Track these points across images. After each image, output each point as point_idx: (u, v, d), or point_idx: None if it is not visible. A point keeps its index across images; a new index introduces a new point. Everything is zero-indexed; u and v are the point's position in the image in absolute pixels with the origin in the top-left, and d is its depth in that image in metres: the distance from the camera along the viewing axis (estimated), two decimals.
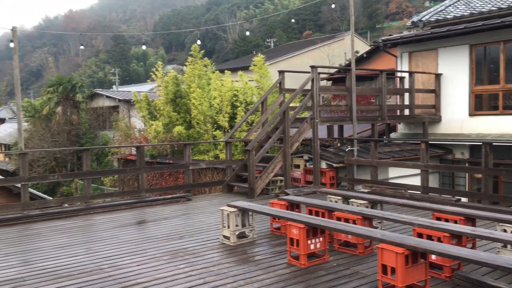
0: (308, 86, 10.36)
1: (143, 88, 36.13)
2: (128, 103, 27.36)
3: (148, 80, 28.36)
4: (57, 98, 28.15)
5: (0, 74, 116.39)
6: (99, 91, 33.02)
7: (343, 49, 28.86)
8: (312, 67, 10.29)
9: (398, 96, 14.01)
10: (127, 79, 77.74)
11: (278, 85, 11.34)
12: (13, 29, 8.18)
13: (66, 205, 10.00)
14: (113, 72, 69.68)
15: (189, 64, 18.13)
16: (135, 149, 19.08)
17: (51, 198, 16.21)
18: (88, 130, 28.64)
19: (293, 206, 6.68)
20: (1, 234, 6.92)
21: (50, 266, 5.31)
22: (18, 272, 5.10)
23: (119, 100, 28.71)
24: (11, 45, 8.19)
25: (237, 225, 6.10)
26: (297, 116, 10.90)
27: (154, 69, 19.30)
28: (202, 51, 18.24)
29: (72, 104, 28.55)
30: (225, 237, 6.17)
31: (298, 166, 11.40)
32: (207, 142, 15.71)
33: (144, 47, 14.12)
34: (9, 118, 49.22)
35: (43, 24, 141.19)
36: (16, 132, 33.16)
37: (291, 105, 10.57)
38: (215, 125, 16.50)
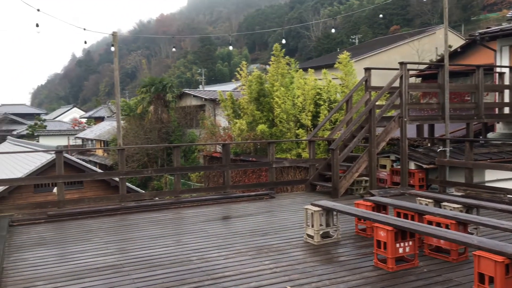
0: (396, 84, 9.96)
1: (228, 87, 37.19)
2: (214, 102, 28.32)
3: (233, 80, 29.17)
4: (149, 98, 30.00)
5: (100, 76, 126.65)
6: (187, 90, 34.57)
7: (434, 44, 27.31)
8: (401, 63, 9.87)
9: (496, 94, 12.94)
10: (212, 79, 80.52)
11: (363, 82, 11.04)
12: (114, 34, 8.85)
13: (157, 198, 10.62)
14: (199, 72, 72.55)
15: (272, 63, 18.32)
16: (220, 146, 19.78)
17: (143, 191, 17.35)
18: (177, 128, 30.14)
19: (380, 207, 6.46)
20: (102, 224, 7.53)
21: (145, 255, 5.68)
22: (117, 259, 5.51)
23: (205, 99, 29.83)
24: (112, 49, 8.88)
25: (321, 225, 6.04)
26: (384, 115, 10.53)
27: (238, 68, 19.78)
28: (283, 50, 18.32)
29: (163, 104, 30.24)
30: (309, 236, 6.15)
31: (384, 167, 11.01)
32: (290, 140, 15.76)
33: (231, 47, 14.57)
34: (107, 117, 53.34)
35: (137, 28, 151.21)
36: (114, 129, 35.84)
37: (377, 103, 10.24)
38: (298, 123, 16.50)
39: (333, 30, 29.35)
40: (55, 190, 9.61)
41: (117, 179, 14.89)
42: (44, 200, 13.25)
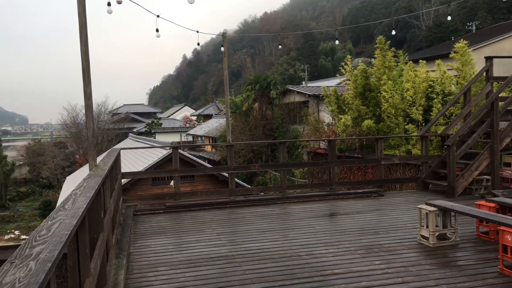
0: None
1: (331, 82, 36.66)
2: (317, 98, 28.14)
3: (337, 75, 28.64)
4: (254, 95, 30.82)
5: (208, 75, 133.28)
6: (290, 87, 34.84)
7: None
8: None
9: None
10: (315, 75, 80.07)
11: (484, 73, 10.10)
12: (223, 35, 9.22)
13: (262, 193, 10.87)
14: (302, 68, 72.67)
15: (377, 56, 17.60)
16: (324, 142, 19.60)
17: (249, 186, 17.89)
18: (281, 124, 30.54)
19: (505, 209, 5.88)
20: (214, 216, 7.93)
21: (254, 248, 5.85)
22: (229, 250, 5.76)
23: (309, 95, 29.77)
24: (222, 49, 9.27)
25: (437, 226, 5.68)
26: (508, 108, 9.53)
27: (342, 63, 19.37)
28: (389, 42, 17.49)
29: (267, 100, 30.86)
30: (423, 237, 5.81)
31: (509, 165, 9.98)
32: (400, 136, 15.03)
33: (337, 42, 14.26)
34: (215, 114, 55.94)
35: (242, 28, 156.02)
36: (221, 126, 37.40)
37: (500, 95, 9.30)
38: (407, 118, 15.66)
39: (449, 18, 27.16)
40: (172, 183, 10.34)
41: (224, 173, 15.56)
42: (161, 192, 14.35)
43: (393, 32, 13.20)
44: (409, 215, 7.33)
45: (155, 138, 45.47)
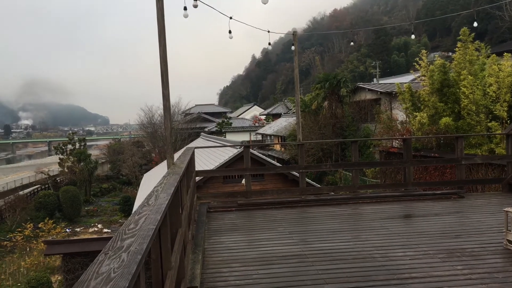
0: None
1: (404, 79, 35.25)
2: (390, 95, 27.21)
3: (411, 71, 27.53)
4: (324, 94, 30.47)
5: (277, 75, 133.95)
6: (361, 84, 34.00)
7: None
8: None
9: None
10: (387, 71, 77.44)
11: None
12: (294, 33, 9.21)
13: (332, 193, 10.71)
14: (373, 65, 70.58)
15: (458, 50, 16.62)
16: (397, 141, 18.89)
17: (319, 185, 17.71)
18: (351, 122, 29.91)
19: None
20: (285, 214, 7.96)
21: (326, 247, 5.79)
22: (300, 249, 5.75)
23: (381, 93, 28.85)
24: (292, 48, 9.25)
25: None
26: None
27: (417, 58, 18.55)
28: (473, 34, 16.44)
29: (337, 99, 30.38)
30: (510, 242, 5.41)
31: None
32: (482, 134, 14.10)
33: (413, 36, 13.50)
34: (284, 113, 56.07)
35: (311, 26, 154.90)
36: (290, 125, 37.37)
37: None
38: (490, 115, 14.66)
39: None
40: (243, 181, 10.52)
41: (296, 173, 15.54)
42: (232, 190, 14.66)
43: (475, 24, 12.36)
44: (493, 218, 6.86)
45: (225, 137, 46.54)
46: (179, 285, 3.75)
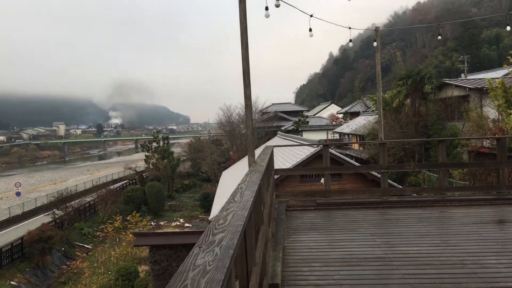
0: None
1: (496, 74, 32.68)
2: (480, 91, 25.36)
3: (504, 65, 25.42)
4: (406, 91, 29.18)
5: (355, 72, 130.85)
6: (447, 80, 32.04)
7: None
8: None
9: None
10: (476, 66, 72.31)
11: None
12: (376, 29, 8.93)
13: (415, 194, 10.21)
14: (461, 59, 66.28)
15: None
16: (488, 141, 17.56)
17: (400, 186, 17.02)
18: (436, 121, 28.35)
19: None
20: (365, 215, 7.75)
21: (412, 251, 5.54)
22: (384, 252, 5.56)
23: (469, 89, 26.99)
24: (374, 44, 8.98)
25: None
26: None
27: (511, 51, 17.13)
28: None
29: (420, 96, 28.94)
30: None
31: None
32: None
33: (508, 27, 12.29)
34: (362, 112, 54.61)
35: (392, 21, 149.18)
36: (369, 124, 36.34)
37: None
38: None
39: None
40: (322, 180, 10.42)
41: (376, 173, 15.09)
42: (309, 189, 14.58)
43: None
44: None
45: (302, 136, 46.39)
46: (261, 282, 3.80)
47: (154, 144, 50.50)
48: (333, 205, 8.50)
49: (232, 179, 24.79)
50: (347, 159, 20.20)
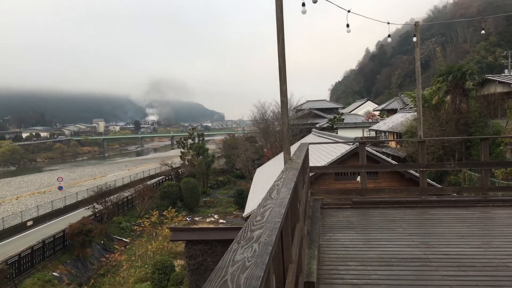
0: None
1: None
2: None
3: None
4: (446, 87, 28.31)
5: (392, 68, 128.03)
6: (490, 77, 30.83)
7: None
8: None
9: None
10: None
11: None
12: (415, 24, 8.69)
13: (455, 194, 9.88)
14: (505, 55, 63.58)
15: None
16: None
17: (439, 186, 16.53)
18: (478, 118, 27.36)
19: None
20: (404, 215, 7.57)
21: (452, 252, 5.38)
22: (423, 252, 5.42)
23: None
24: (414, 39, 8.74)
25: None
26: None
27: None
28: None
29: (461, 92, 28.00)
30: None
31: None
32: None
33: None
34: (400, 109, 53.43)
35: (431, 15, 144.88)
36: (407, 121, 35.55)
37: None
38: None
39: None
40: (358, 178, 10.27)
41: (414, 171, 14.73)
42: (344, 187, 14.41)
43: None
44: None
45: (337, 133, 45.87)
46: (297, 279, 3.78)
47: (190, 141, 51.20)
48: (370, 203, 8.35)
49: (266, 176, 24.83)
50: (383, 157, 19.81)
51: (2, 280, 18.22)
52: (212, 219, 35.79)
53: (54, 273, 23.52)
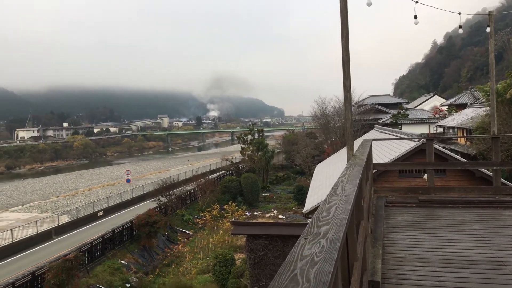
0: None
1: None
2: None
3: None
4: None
5: (462, 61, 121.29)
6: None
7: None
8: None
9: None
10: None
11: None
12: (489, 14, 8.17)
13: None
14: None
15: None
16: None
17: None
18: None
19: None
20: (475, 215, 7.18)
21: None
22: (495, 255, 5.12)
23: None
24: (488, 29, 8.22)
25: None
26: None
27: None
28: None
29: None
30: None
31: None
32: None
33: None
34: (470, 104, 50.56)
35: (505, 4, 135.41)
36: (478, 117, 33.62)
37: None
38: None
39: None
40: (425, 176, 9.88)
41: (486, 170, 13.93)
42: (409, 185, 13.86)
43: None
44: None
45: (401, 129, 44.29)
46: (361, 278, 3.72)
47: (250, 136, 51.75)
48: (437, 202, 8.00)
49: (327, 173, 24.55)
50: (452, 154, 18.89)
51: (76, 266, 19.50)
52: (272, 214, 36.02)
53: (123, 261, 24.83)
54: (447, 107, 61.52)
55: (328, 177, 23.08)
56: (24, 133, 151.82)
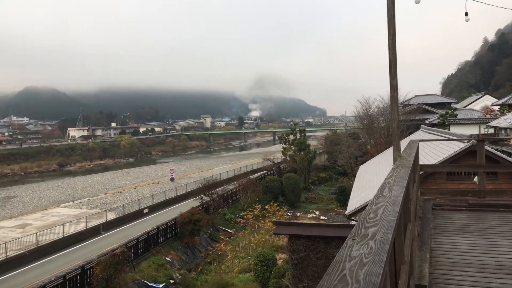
0: None
1: None
2: None
3: None
4: None
5: None
6: None
7: None
8: None
9: None
10: None
11: None
12: None
13: None
14: None
15: None
16: None
17: None
18: None
19: None
20: None
21: None
22: None
23: None
24: None
25: None
26: None
27: None
28: None
29: None
30: None
31: None
32: None
33: None
34: None
35: None
36: None
37: None
38: None
39: None
40: (475, 179, 9.50)
41: None
42: (457, 188, 13.36)
43: None
44: None
45: (449, 129, 42.74)
46: (408, 281, 3.64)
47: (291, 137, 51.60)
48: (488, 206, 7.68)
49: (371, 174, 24.10)
50: (504, 156, 18.06)
51: (123, 261, 20.18)
52: (313, 215, 35.75)
53: (167, 258, 25.45)
54: (498, 107, 58.68)
55: (371, 178, 22.66)
56: (75, 132, 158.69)
